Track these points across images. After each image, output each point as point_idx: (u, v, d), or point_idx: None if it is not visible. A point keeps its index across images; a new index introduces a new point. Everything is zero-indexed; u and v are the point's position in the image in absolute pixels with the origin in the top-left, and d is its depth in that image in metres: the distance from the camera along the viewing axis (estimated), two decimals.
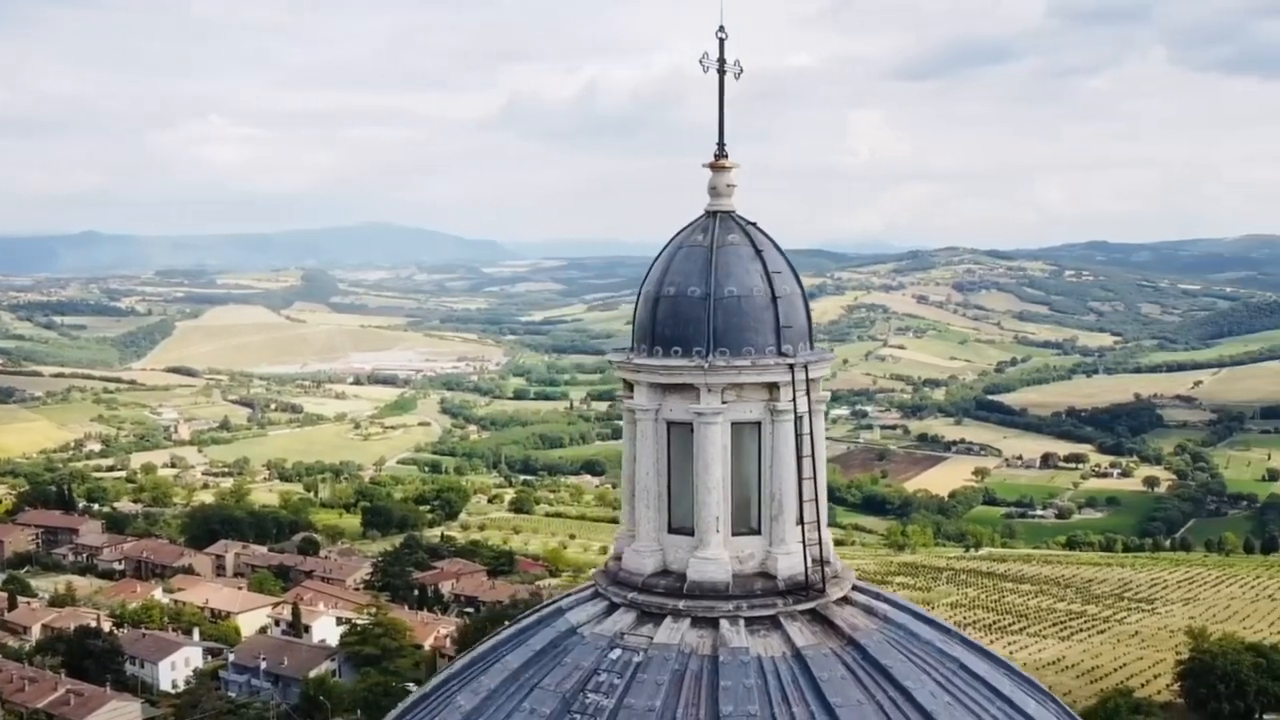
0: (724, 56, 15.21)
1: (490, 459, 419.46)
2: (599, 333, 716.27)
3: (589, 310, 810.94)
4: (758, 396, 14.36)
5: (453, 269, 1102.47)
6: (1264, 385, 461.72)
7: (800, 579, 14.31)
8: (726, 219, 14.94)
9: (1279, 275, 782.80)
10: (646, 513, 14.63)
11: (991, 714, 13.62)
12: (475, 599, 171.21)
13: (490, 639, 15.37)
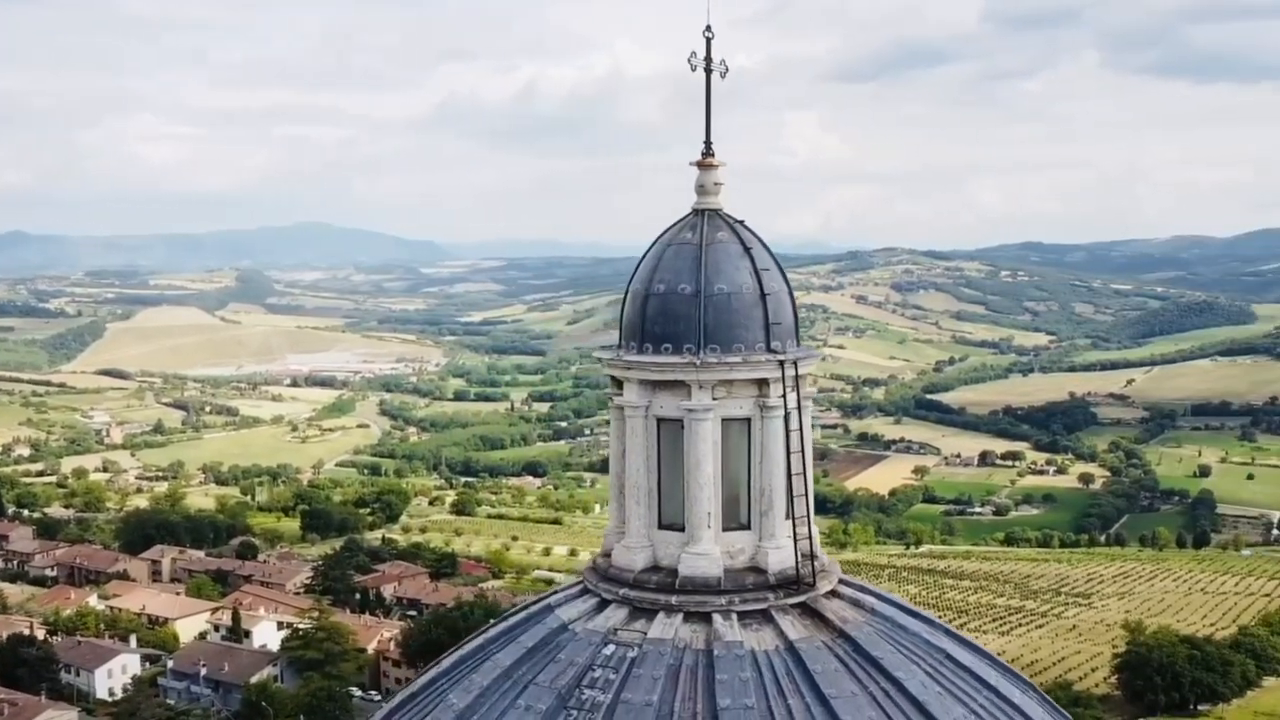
0: (711, 55, 15.19)
1: (430, 461, 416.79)
2: (539, 333, 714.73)
3: (529, 311, 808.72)
4: (747, 393, 14.46)
5: (390, 269, 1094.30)
6: (1194, 383, 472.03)
7: (790, 573, 14.44)
8: (714, 217, 15.00)
9: (1208, 276, 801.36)
10: (637, 509, 14.67)
11: (979, 703, 13.85)
12: (418, 602, 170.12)
13: (477, 637, 15.33)
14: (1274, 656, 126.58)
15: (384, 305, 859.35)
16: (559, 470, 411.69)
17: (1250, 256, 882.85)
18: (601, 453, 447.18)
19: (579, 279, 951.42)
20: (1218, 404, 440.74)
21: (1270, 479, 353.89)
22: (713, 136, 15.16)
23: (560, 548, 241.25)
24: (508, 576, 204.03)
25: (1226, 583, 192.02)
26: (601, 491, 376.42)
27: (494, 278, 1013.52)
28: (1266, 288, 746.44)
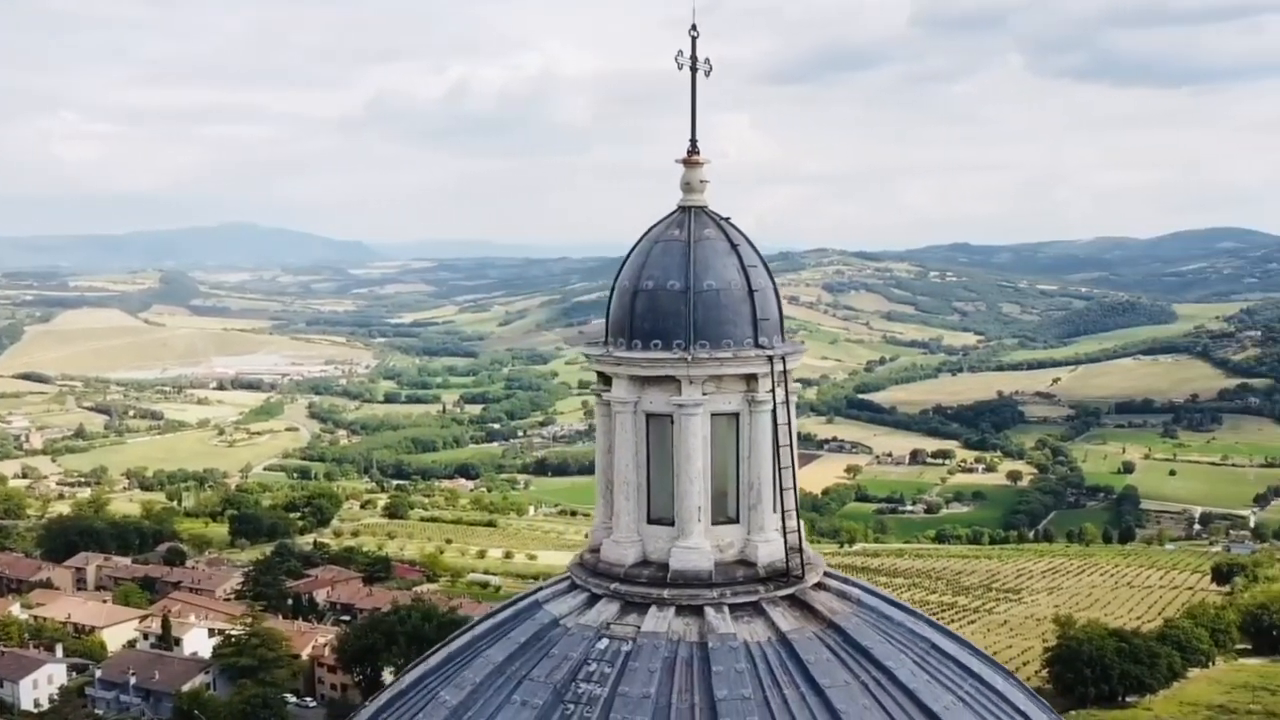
0: (696, 54, 15.32)
1: (361, 464, 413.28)
2: (471, 335, 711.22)
3: (460, 312, 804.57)
4: (736, 388, 14.63)
5: (319, 270, 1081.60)
6: (1117, 381, 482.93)
7: (780, 566, 14.65)
8: (700, 214, 15.16)
9: (1130, 276, 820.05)
10: (626, 504, 14.78)
11: (965, 690, 14.16)
12: (352, 606, 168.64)
13: (464, 634, 15.33)
14: (1198, 648, 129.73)
15: (312, 307, 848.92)
16: (492, 472, 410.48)
17: (1170, 257, 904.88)
18: (535, 454, 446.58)
19: (510, 280, 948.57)
20: (1141, 402, 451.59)
21: (1192, 475, 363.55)
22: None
23: (495, 550, 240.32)
24: (442, 580, 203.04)
25: (1151, 577, 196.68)
26: (536, 493, 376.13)
27: (424, 279, 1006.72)
28: (1186, 288, 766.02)
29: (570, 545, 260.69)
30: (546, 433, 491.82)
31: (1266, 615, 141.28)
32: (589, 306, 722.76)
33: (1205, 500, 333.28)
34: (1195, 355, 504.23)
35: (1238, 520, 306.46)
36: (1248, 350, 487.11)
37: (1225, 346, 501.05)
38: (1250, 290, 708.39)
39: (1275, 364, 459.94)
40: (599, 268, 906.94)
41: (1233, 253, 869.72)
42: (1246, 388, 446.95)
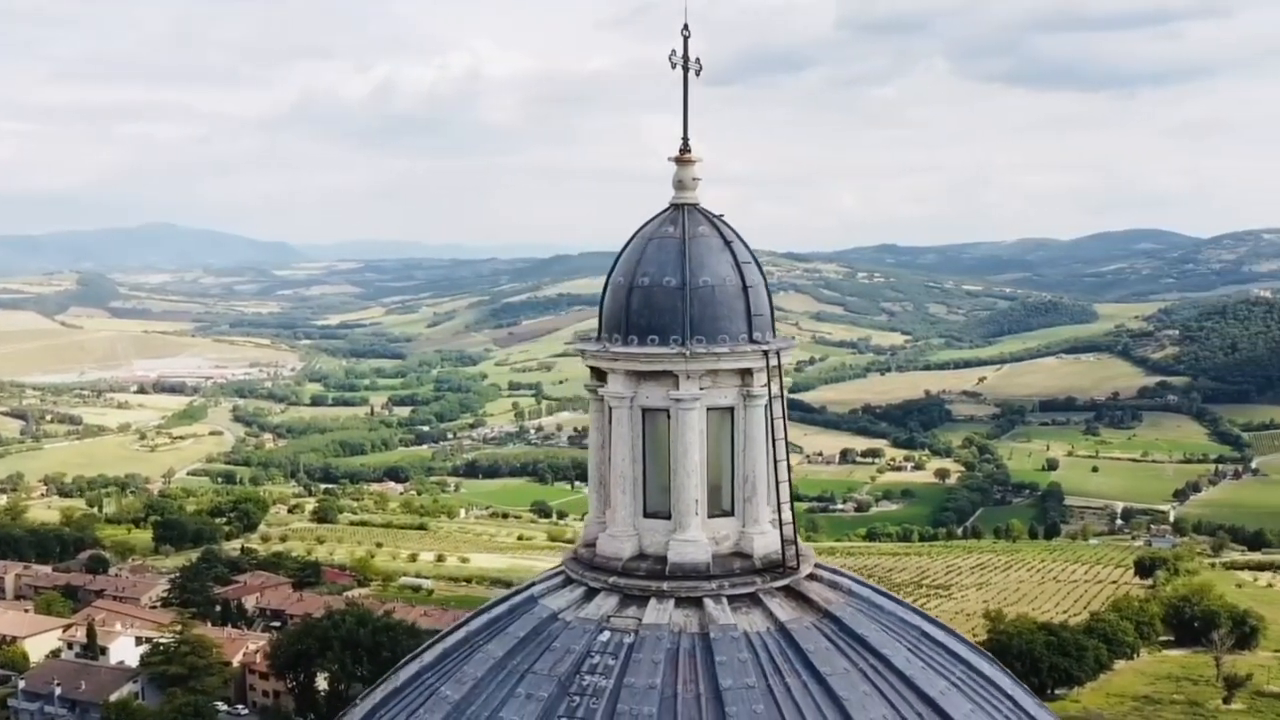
0: (688, 53, 15.51)
1: (288, 468, 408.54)
2: (398, 336, 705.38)
3: (388, 313, 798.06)
4: (731, 383, 14.85)
5: (242, 272, 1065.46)
6: (1041, 380, 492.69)
7: (775, 557, 14.89)
8: (693, 211, 15.36)
9: (1052, 277, 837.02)
10: (623, 498, 14.93)
11: (958, 676, 14.53)
12: (282, 612, 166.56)
13: (458, 630, 15.36)
14: (1124, 641, 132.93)
15: (236, 309, 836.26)
16: (422, 475, 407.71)
17: (1091, 258, 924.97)
18: (465, 456, 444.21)
19: (438, 281, 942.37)
20: (1064, 400, 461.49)
21: (1114, 471, 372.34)
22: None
23: (427, 554, 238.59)
24: (374, 584, 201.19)
25: (1077, 571, 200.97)
26: (467, 496, 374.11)
27: (351, 280, 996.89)
28: (1106, 288, 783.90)
29: (502, 548, 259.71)
30: (476, 435, 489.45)
31: (1188, 607, 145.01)
32: (518, 308, 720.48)
33: (1126, 496, 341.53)
34: (1116, 354, 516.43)
35: (1158, 515, 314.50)
36: (1166, 349, 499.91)
37: (1144, 345, 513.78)
38: (1168, 290, 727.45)
39: (1193, 362, 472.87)
40: (528, 269, 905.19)
41: (1151, 254, 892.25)
42: (1165, 386, 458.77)
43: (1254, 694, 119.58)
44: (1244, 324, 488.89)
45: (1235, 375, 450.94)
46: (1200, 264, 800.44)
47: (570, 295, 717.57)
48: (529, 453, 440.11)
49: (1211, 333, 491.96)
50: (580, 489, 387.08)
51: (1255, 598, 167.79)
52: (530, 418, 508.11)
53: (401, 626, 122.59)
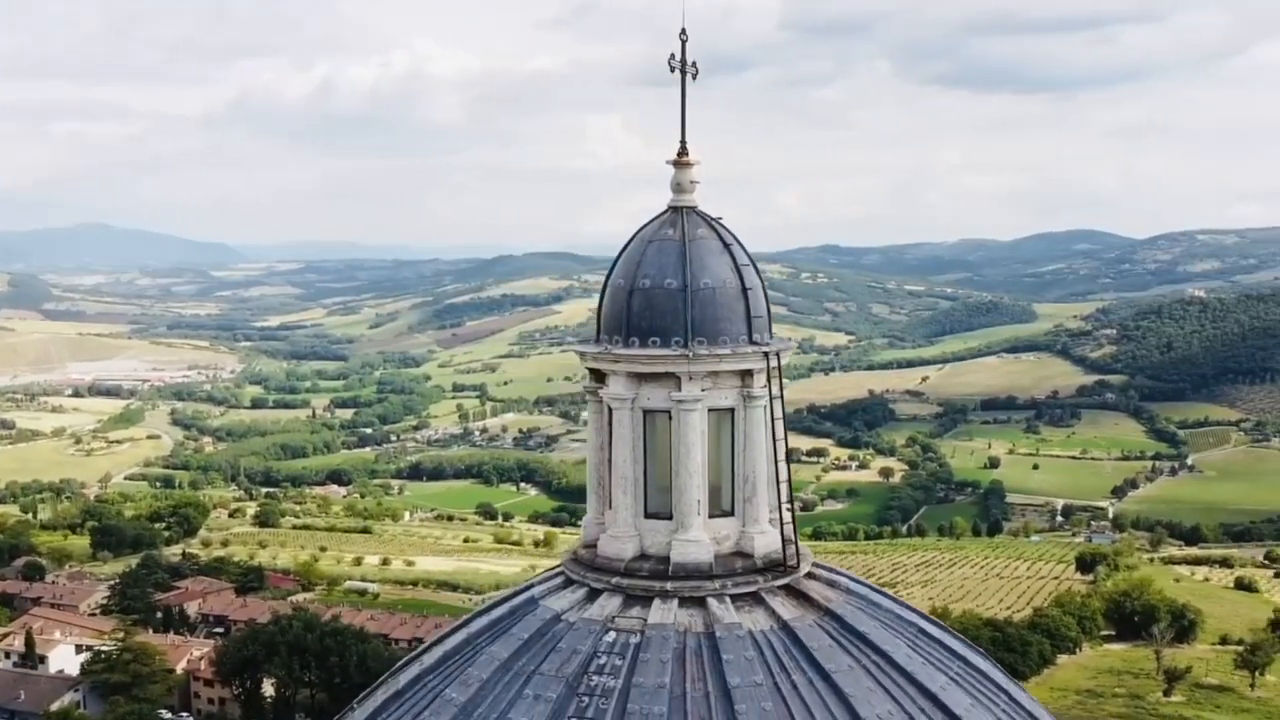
0: (685, 57, 15.63)
1: (228, 471, 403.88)
2: (340, 338, 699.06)
3: (329, 315, 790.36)
4: (731, 384, 15.01)
5: (180, 273, 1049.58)
6: (982, 379, 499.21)
7: (776, 556, 15.08)
8: (691, 214, 15.51)
9: (992, 277, 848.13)
10: (625, 499, 15.01)
11: (955, 671, 14.80)
12: (225, 618, 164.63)
13: (459, 631, 15.33)
14: (1067, 636, 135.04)
15: (173, 310, 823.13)
16: (365, 478, 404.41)
17: (1031, 258, 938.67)
18: (409, 458, 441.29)
19: (380, 282, 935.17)
20: (1004, 399, 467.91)
21: (1054, 469, 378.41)
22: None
23: (372, 557, 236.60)
24: (318, 589, 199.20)
25: (1020, 567, 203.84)
26: (411, 499, 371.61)
27: (291, 281, 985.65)
28: (1045, 288, 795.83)
29: (449, 550, 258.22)
30: (420, 436, 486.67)
31: (1128, 602, 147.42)
32: (462, 308, 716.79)
33: (1067, 493, 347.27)
34: (1055, 353, 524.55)
35: (1097, 511, 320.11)
36: (1104, 348, 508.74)
37: (1083, 344, 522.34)
38: (1105, 290, 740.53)
39: (1130, 361, 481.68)
40: (471, 269, 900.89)
41: (1088, 254, 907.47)
42: (1103, 384, 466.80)
43: (1193, 686, 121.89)
44: (1179, 323, 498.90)
45: (1171, 374, 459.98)
46: (1136, 264, 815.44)
47: (514, 296, 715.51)
48: (474, 454, 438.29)
49: (1148, 332, 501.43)
50: (525, 490, 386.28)
51: (1193, 592, 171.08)
52: (475, 419, 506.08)
53: (350, 631, 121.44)
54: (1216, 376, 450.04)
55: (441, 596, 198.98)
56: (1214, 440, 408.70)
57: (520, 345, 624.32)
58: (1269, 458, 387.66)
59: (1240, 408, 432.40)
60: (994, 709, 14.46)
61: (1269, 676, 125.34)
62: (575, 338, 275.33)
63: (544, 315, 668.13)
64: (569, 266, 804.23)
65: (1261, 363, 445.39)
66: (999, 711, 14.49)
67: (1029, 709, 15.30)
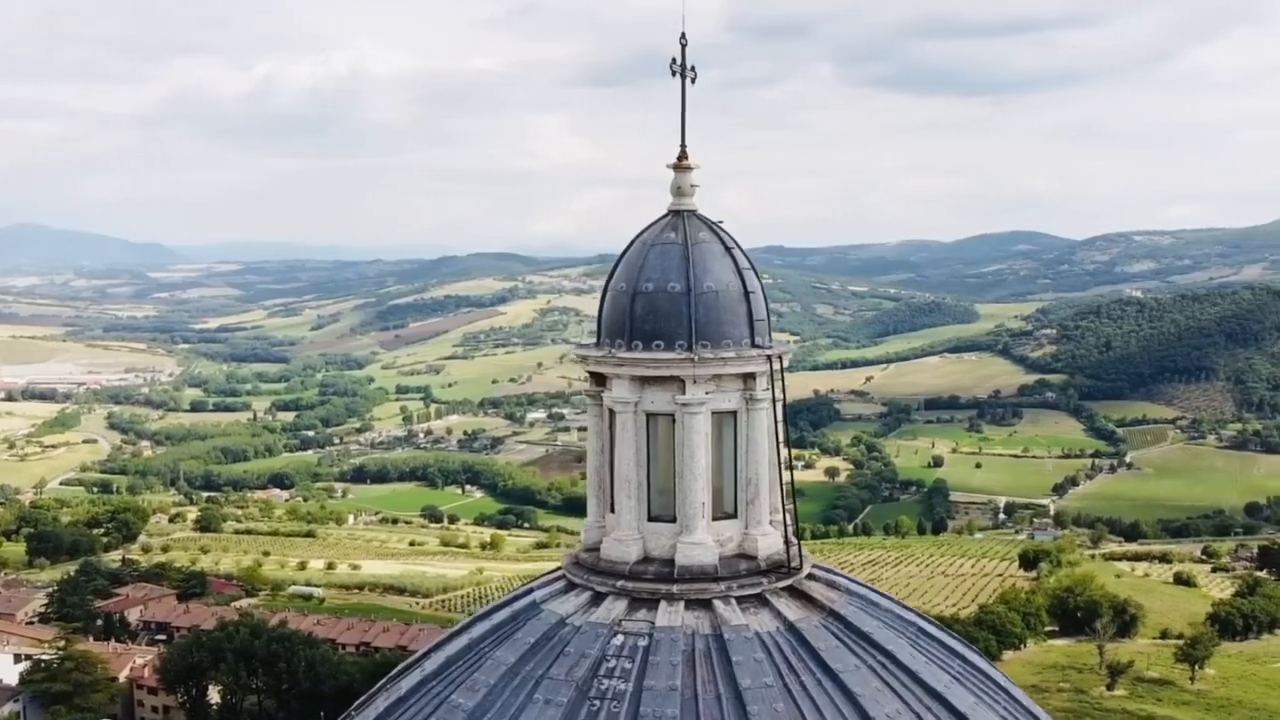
0: (685, 60, 15.71)
1: (168, 476, 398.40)
2: (281, 340, 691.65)
3: (269, 316, 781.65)
4: (734, 386, 15.12)
5: (116, 274, 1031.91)
6: (926, 379, 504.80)
7: (779, 558, 15.23)
8: (692, 218, 15.60)
9: (935, 278, 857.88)
10: (628, 503, 15.06)
11: (957, 670, 15.00)
12: (167, 625, 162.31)
13: (458, 637, 15.25)
14: (1012, 632, 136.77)
15: (109, 312, 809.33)
16: (308, 481, 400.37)
17: (972, 259, 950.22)
18: (353, 461, 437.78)
19: (322, 283, 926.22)
20: (947, 398, 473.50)
21: (996, 467, 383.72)
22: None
23: (316, 561, 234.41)
24: (262, 594, 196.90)
25: (964, 565, 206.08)
26: (355, 502, 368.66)
27: (230, 282, 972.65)
28: (987, 288, 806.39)
29: (395, 554, 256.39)
30: (364, 439, 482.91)
31: (1071, 598, 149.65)
32: (405, 310, 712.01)
33: (1009, 491, 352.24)
34: (996, 353, 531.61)
35: (1039, 509, 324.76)
36: (1044, 347, 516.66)
37: (1023, 344, 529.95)
38: (1044, 290, 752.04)
39: (1069, 360, 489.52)
40: (414, 270, 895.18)
41: (1028, 255, 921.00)
42: (1044, 383, 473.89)
43: (1135, 680, 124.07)
44: (1117, 323, 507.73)
45: (1109, 372, 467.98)
46: (1075, 265, 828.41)
47: (458, 297, 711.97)
48: (418, 457, 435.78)
49: (1087, 331, 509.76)
50: (471, 493, 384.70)
51: (1133, 587, 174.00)
52: (419, 421, 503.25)
53: (298, 636, 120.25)
54: (1154, 375, 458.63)
55: (388, 600, 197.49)
56: (1151, 438, 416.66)
57: (465, 347, 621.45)
58: (1204, 455, 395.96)
59: (1177, 406, 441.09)
60: (996, 707, 14.67)
61: (1208, 669, 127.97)
62: (520, 339, 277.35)
63: (488, 316, 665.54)
64: (513, 267, 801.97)
65: (1197, 362, 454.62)
66: (1000, 710, 14.71)
67: (1027, 706, 15.54)
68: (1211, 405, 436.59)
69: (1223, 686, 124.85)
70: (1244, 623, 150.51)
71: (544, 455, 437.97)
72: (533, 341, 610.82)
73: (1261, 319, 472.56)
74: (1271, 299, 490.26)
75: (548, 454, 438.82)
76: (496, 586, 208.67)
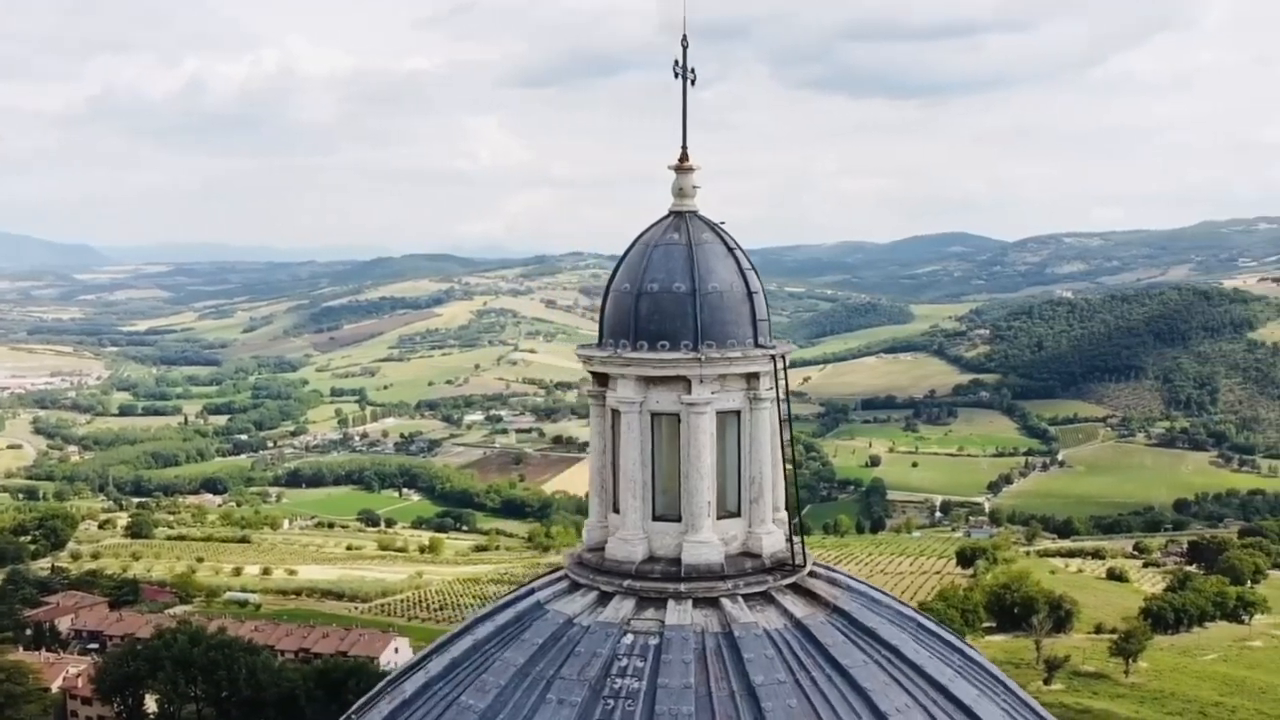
0: (687, 63, 15.82)
1: (97, 481, 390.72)
2: (213, 342, 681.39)
3: (200, 319, 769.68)
4: (738, 386, 15.24)
5: (40, 276, 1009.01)
6: (862, 379, 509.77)
7: (782, 556, 15.41)
8: (694, 219, 15.72)
9: (870, 279, 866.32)
10: (633, 502, 15.10)
11: (958, 664, 15.25)
12: (100, 633, 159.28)
13: (461, 639, 15.18)
14: (951, 628, 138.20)
15: (33, 315, 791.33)
16: (241, 486, 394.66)
17: (907, 260, 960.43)
18: (287, 465, 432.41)
19: (254, 285, 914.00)
20: (884, 398, 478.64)
21: (932, 465, 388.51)
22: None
23: (252, 567, 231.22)
24: (197, 600, 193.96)
25: (903, 563, 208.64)
26: (290, 506, 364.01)
27: (159, 284, 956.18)
28: (921, 289, 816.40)
29: (331, 558, 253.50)
30: (298, 443, 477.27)
31: (1008, 594, 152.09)
32: (339, 311, 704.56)
33: (945, 489, 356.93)
34: (931, 353, 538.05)
35: (975, 507, 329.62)
36: (978, 347, 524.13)
37: (958, 344, 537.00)
38: (978, 291, 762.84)
39: (1002, 360, 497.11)
40: (348, 272, 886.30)
41: (962, 256, 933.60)
42: (978, 383, 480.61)
43: (1071, 674, 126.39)
44: (1048, 323, 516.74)
45: (1041, 372, 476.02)
46: (1007, 266, 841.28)
47: (393, 298, 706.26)
48: (354, 460, 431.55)
49: (1019, 332, 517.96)
50: (408, 496, 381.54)
51: (1068, 583, 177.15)
52: (354, 424, 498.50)
53: (238, 644, 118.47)
54: (1084, 375, 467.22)
55: (326, 605, 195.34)
56: (1083, 436, 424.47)
57: (400, 349, 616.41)
58: (1134, 452, 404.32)
59: (1107, 404, 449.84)
60: (997, 700, 14.94)
61: (1141, 663, 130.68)
62: (456, 341, 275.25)
63: (424, 318, 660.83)
64: (449, 268, 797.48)
65: (1126, 361, 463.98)
66: (1001, 703, 14.97)
67: (1025, 700, 15.82)
68: (1140, 404, 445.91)
69: (1156, 679, 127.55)
70: (1175, 616, 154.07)
71: (482, 457, 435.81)
72: (469, 343, 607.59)
73: (1188, 319, 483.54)
74: (1198, 299, 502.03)
75: (486, 456, 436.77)
76: (437, 590, 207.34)
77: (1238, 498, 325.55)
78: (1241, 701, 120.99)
